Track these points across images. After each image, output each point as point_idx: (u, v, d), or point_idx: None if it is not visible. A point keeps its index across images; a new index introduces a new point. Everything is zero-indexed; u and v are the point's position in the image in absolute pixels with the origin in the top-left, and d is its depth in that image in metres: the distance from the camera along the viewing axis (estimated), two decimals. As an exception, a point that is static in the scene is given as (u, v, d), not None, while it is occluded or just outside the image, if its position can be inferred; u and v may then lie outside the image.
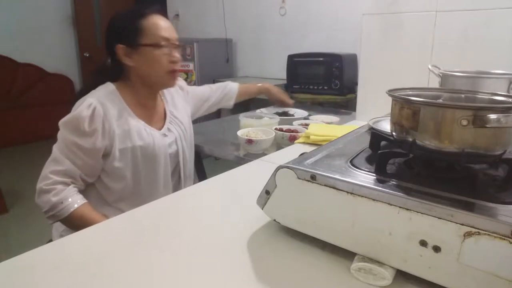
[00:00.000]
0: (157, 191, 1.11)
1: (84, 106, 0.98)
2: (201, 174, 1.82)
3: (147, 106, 1.13)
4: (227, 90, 1.52)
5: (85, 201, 1.01)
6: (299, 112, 1.77)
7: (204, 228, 0.67)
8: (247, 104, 3.44)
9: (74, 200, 0.98)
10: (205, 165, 1.82)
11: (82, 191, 1.04)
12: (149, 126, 1.10)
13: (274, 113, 1.69)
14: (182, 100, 1.29)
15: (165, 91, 1.23)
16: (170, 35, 1.06)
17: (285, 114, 1.76)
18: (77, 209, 0.97)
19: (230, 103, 1.55)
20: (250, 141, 1.23)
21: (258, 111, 1.74)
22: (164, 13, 1.10)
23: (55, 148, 1.00)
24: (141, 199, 1.07)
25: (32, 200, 1.03)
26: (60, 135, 1.00)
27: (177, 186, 1.20)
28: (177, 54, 1.08)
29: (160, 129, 1.14)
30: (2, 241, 2.31)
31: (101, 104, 1.00)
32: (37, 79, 4.41)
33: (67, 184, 1.00)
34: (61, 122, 1.00)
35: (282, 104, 1.78)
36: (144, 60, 1.05)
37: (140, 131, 1.06)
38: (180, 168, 1.18)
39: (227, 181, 0.90)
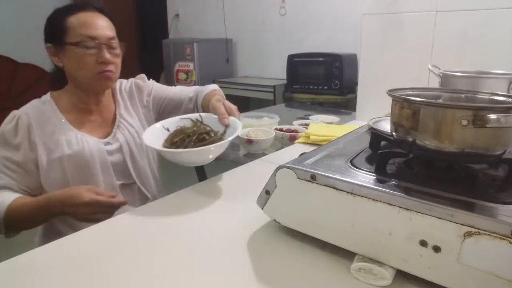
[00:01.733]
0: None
1: (8, 119, 0.94)
2: (201, 174, 1.82)
3: (88, 111, 1.04)
4: (198, 93, 1.18)
5: (22, 195, 0.91)
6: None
7: (204, 228, 0.67)
8: (247, 104, 3.44)
9: (8, 197, 0.88)
10: (205, 165, 1.82)
11: None
12: (83, 132, 1.00)
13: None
14: (137, 101, 1.15)
15: (118, 92, 1.12)
16: (99, 34, 0.96)
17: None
18: (13, 202, 0.87)
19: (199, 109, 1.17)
20: (250, 141, 1.23)
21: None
22: (101, 10, 1.01)
23: None
24: None
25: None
26: None
27: (139, 194, 1.07)
28: (106, 55, 0.97)
29: (104, 136, 1.04)
30: (2, 241, 2.31)
31: (26, 114, 0.94)
32: (37, 79, 4.40)
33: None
34: None
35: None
36: (69, 60, 0.97)
37: (70, 139, 0.97)
38: (132, 174, 1.04)
39: (227, 181, 0.90)
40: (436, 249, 0.45)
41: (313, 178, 0.55)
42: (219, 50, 3.69)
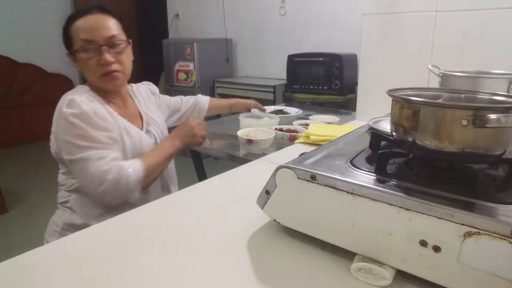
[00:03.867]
0: (147, 193, 1.05)
1: (78, 103, 0.93)
2: (201, 174, 1.82)
3: (118, 106, 1.08)
4: (198, 102, 1.47)
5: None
6: (293, 110, 1.77)
7: (204, 228, 0.67)
8: (247, 104, 3.44)
9: (133, 161, 0.96)
10: (205, 165, 1.82)
11: (78, 202, 1.00)
12: (131, 124, 1.06)
13: (270, 112, 1.69)
14: (154, 105, 1.26)
15: (136, 93, 1.19)
16: (95, 36, 0.97)
17: (280, 112, 1.75)
18: (142, 159, 0.97)
19: (201, 115, 1.50)
20: (250, 141, 1.23)
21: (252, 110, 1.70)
22: (102, 9, 1.01)
23: (86, 154, 0.91)
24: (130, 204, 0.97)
25: (32, 200, 1.03)
26: (79, 146, 0.91)
27: (164, 187, 1.16)
28: (105, 56, 0.97)
29: (140, 129, 1.10)
30: (2, 241, 2.31)
31: (88, 99, 0.96)
32: (37, 79, 4.41)
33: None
34: (68, 136, 0.92)
35: (257, 108, 1.66)
36: (80, 66, 1.02)
37: (126, 128, 1.02)
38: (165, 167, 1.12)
39: (227, 181, 0.90)
40: (436, 249, 0.45)
41: (313, 178, 0.55)
42: (219, 50, 3.69)
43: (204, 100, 1.50)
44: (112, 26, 1.00)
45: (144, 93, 1.23)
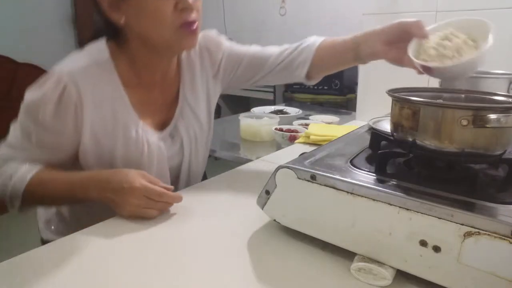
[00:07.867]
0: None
1: (51, 84, 0.70)
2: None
3: (152, 87, 0.79)
4: (302, 50, 0.93)
5: (41, 167, 0.72)
6: (293, 110, 1.76)
7: (204, 228, 0.67)
8: (247, 104, 3.44)
9: (27, 170, 0.70)
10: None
11: None
12: (145, 124, 0.77)
13: (270, 112, 1.69)
14: (206, 75, 0.88)
15: (186, 60, 0.84)
16: None
17: (280, 112, 1.75)
18: (33, 177, 0.69)
19: (300, 73, 0.91)
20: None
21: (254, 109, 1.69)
22: None
23: (13, 129, 0.74)
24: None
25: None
26: (20, 117, 0.75)
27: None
28: None
29: (161, 125, 0.81)
30: (2, 241, 2.31)
31: (76, 84, 0.69)
32: (37, 79, 4.41)
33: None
34: (24, 102, 0.74)
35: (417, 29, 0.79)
36: (137, 13, 0.69)
37: (129, 133, 0.74)
38: (180, 180, 0.87)
39: (227, 181, 0.90)
40: (436, 249, 0.45)
41: (313, 178, 0.55)
42: (219, 50, 3.69)
43: (308, 49, 0.92)
44: None
45: (198, 57, 0.87)
